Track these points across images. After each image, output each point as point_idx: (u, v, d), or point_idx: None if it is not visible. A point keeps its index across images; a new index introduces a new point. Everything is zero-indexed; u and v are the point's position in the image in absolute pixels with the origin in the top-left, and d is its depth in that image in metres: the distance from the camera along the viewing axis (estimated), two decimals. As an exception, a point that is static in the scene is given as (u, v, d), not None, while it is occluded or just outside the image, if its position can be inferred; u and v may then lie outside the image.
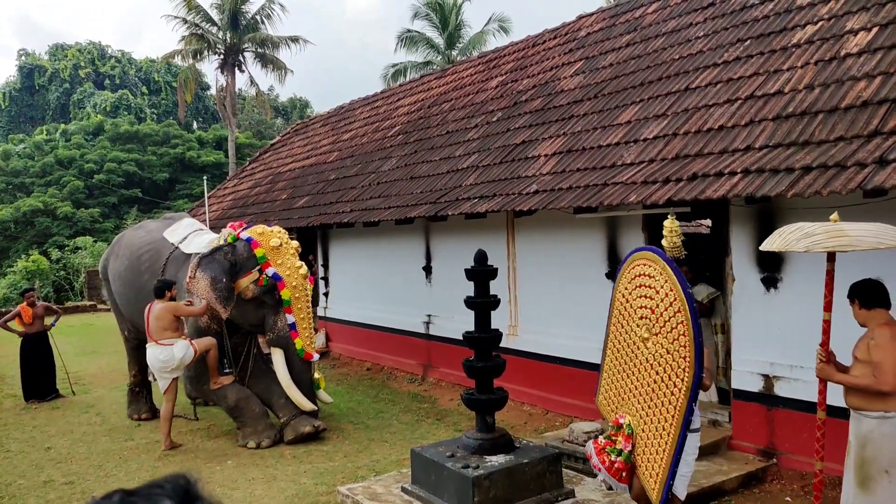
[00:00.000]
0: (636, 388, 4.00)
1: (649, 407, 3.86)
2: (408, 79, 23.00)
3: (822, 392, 3.79)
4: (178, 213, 9.02)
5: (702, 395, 6.43)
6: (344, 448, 6.65)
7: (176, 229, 7.88)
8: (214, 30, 26.80)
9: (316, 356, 7.21)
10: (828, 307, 3.70)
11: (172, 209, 29.03)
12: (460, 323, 8.21)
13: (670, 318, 3.69)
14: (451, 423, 7.38)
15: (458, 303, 6.48)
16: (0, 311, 17.18)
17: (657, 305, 3.80)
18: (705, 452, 5.54)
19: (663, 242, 3.94)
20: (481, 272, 5.13)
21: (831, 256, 3.67)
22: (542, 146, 7.89)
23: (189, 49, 26.49)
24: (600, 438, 4.09)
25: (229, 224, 7.39)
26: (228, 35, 26.68)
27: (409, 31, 25.93)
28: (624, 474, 3.93)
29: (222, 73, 27.28)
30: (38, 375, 9.24)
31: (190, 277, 6.61)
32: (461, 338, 5.33)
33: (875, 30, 5.61)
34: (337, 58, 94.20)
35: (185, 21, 26.13)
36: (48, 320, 9.59)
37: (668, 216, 4.00)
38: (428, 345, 9.55)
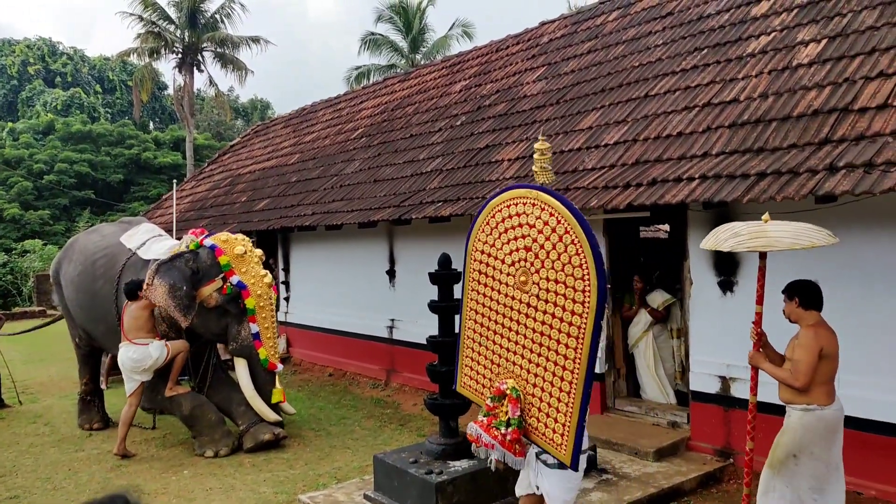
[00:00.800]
0: (516, 345, 3.66)
1: (539, 355, 3.52)
2: (371, 81, 22.91)
3: (754, 378, 4.09)
4: (135, 218, 8.74)
5: (660, 397, 6.59)
6: (305, 455, 6.52)
7: (133, 234, 7.62)
8: (172, 28, 26.21)
9: (280, 366, 7.05)
10: (759, 300, 3.97)
11: (128, 212, 28.24)
12: (424, 327, 8.19)
13: (556, 243, 3.39)
14: (415, 428, 7.32)
15: (422, 307, 6.43)
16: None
17: (534, 241, 3.50)
18: (665, 454, 5.64)
19: (534, 167, 3.75)
20: (445, 276, 5.13)
21: (763, 254, 3.88)
22: (506, 151, 7.93)
23: (145, 47, 25.82)
24: (480, 417, 3.70)
25: (191, 231, 7.19)
26: (187, 34, 26.12)
27: (372, 34, 25.85)
28: (518, 446, 3.58)
29: (180, 72, 26.68)
30: None
31: (147, 284, 6.41)
32: (425, 342, 5.30)
33: (824, 42, 5.82)
34: (298, 60, 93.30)
35: (140, 18, 25.48)
36: (-9, 327, 9.23)
37: (539, 138, 3.79)
38: (391, 349, 9.48)
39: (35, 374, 11.20)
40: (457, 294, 5.19)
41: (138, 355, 6.48)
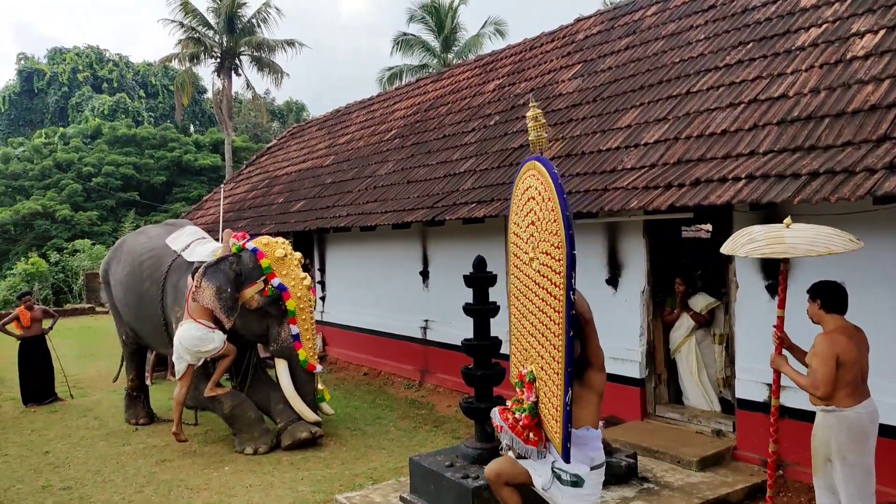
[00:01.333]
0: (532, 326, 3.46)
1: (542, 335, 3.33)
2: (403, 82, 22.93)
3: (776, 381, 4.01)
4: (180, 220, 8.94)
5: (703, 404, 6.38)
6: (341, 455, 6.56)
7: (179, 237, 7.81)
8: (211, 33, 26.75)
9: (319, 367, 7.15)
10: (781, 304, 3.89)
11: (170, 212, 28.95)
12: (458, 328, 8.14)
13: (547, 213, 3.22)
14: (449, 430, 7.28)
15: (455, 308, 6.38)
16: (-4, 315, 17.13)
17: (536, 214, 3.36)
18: (709, 463, 5.45)
19: (530, 137, 3.55)
20: (480, 279, 5.05)
21: (785, 259, 3.83)
22: (542, 150, 7.80)
23: (186, 53, 26.44)
24: (509, 403, 3.60)
25: (232, 234, 7.30)
26: (225, 39, 26.62)
27: (404, 34, 25.89)
28: (531, 434, 3.36)
29: (219, 76, 27.23)
30: (37, 379, 9.22)
31: (195, 286, 6.54)
32: (459, 343, 5.24)
33: (882, 32, 5.53)
34: (331, 61, 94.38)
35: (181, 25, 26.10)
36: (46, 324, 9.54)
37: (531, 105, 3.58)
38: (425, 350, 9.45)
39: (85, 369, 11.61)
40: (492, 297, 5.14)
41: (202, 334, 6.54)
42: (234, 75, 27.20)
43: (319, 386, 7.14)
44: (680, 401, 6.63)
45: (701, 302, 6.49)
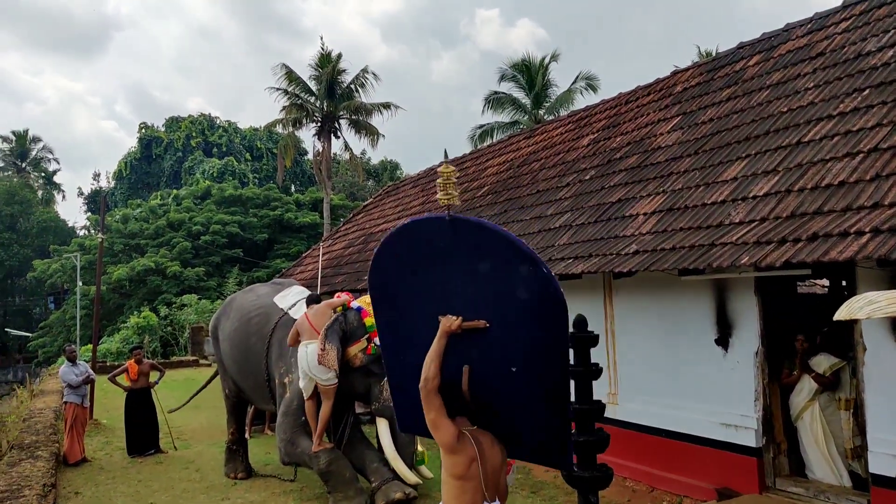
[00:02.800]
0: None
1: None
2: (495, 139, 23.33)
3: None
4: (287, 279, 9.31)
5: (830, 478, 5.78)
6: (435, 519, 6.42)
7: (286, 295, 8.07)
8: (312, 99, 28.55)
9: None
10: None
11: (271, 268, 30.43)
12: (555, 388, 7.87)
13: None
14: (547, 496, 6.97)
15: (554, 368, 6.17)
16: (112, 365, 18.39)
17: None
18: (844, 548, 4.89)
19: (439, 195, 3.13)
20: (582, 339, 4.87)
21: None
22: (640, 204, 7.62)
23: (289, 118, 28.29)
24: None
25: (336, 294, 7.48)
26: (325, 104, 28.32)
27: (495, 92, 26.49)
28: None
29: (319, 139, 28.89)
30: (142, 430, 9.62)
31: (321, 350, 6.59)
32: (560, 407, 5.05)
33: None
34: (424, 120, 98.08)
35: (286, 92, 28.05)
36: (153, 377, 10.02)
37: (443, 163, 3.15)
38: (520, 410, 9.19)
39: (188, 420, 12.07)
40: (594, 357, 4.95)
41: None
42: (333, 138, 28.79)
43: (419, 448, 7.03)
44: (803, 473, 6.05)
45: (824, 363, 5.97)
